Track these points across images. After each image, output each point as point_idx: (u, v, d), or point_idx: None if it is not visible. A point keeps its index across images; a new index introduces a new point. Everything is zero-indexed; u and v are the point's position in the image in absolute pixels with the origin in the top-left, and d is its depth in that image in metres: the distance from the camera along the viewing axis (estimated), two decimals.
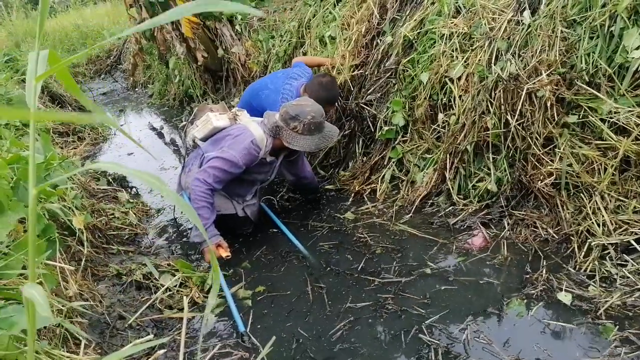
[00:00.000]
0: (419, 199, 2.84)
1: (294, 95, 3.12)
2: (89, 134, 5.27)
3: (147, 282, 2.42)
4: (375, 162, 3.22)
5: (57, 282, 1.91)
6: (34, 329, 0.85)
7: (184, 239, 3.00)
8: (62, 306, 1.79)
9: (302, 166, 3.02)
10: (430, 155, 2.94)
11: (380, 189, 3.08)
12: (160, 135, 5.59)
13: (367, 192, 3.15)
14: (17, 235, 1.86)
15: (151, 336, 1.99)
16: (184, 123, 2.99)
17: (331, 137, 2.70)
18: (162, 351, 1.89)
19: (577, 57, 2.28)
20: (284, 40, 4.25)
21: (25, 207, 1.87)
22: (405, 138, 3.12)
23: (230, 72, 5.23)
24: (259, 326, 2.10)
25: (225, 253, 2.47)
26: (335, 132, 2.74)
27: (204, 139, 2.81)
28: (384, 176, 3.11)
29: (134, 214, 3.23)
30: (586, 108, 2.23)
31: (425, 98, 2.92)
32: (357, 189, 3.17)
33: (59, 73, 0.81)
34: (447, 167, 2.77)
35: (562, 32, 2.33)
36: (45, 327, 1.65)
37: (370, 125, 3.28)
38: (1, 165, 1.90)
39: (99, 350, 1.84)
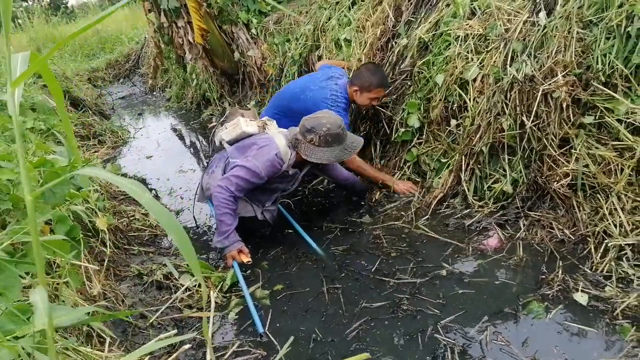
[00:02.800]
0: (435, 201, 2.85)
1: (343, 92, 3.12)
2: (109, 137, 5.38)
3: (167, 282, 2.49)
4: (393, 165, 3.24)
5: (82, 281, 1.98)
6: (52, 326, 0.89)
7: (203, 240, 3.06)
8: (87, 305, 1.85)
9: (335, 170, 3.06)
10: (446, 160, 2.96)
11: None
12: (179, 137, 5.68)
13: (383, 194, 3.17)
14: (44, 236, 1.93)
15: (175, 331, 2.05)
16: (214, 123, 3.06)
17: (354, 147, 2.73)
18: (187, 346, 1.94)
19: (593, 57, 2.28)
20: (300, 44, 4.29)
21: (52, 208, 1.94)
22: (420, 140, 3.14)
23: (247, 75, 5.31)
24: (277, 324, 2.14)
25: (246, 259, 2.53)
26: (359, 143, 2.77)
27: (231, 142, 2.89)
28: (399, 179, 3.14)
29: None
30: (602, 109, 2.23)
31: (440, 100, 2.93)
32: (375, 192, 3.20)
33: (42, 70, 0.82)
34: (463, 168, 2.78)
35: (578, 32, 2.33)
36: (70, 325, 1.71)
37: (386, 127, 3.30)
38: (29, 168, 1.97)
39: (122, 348, 1.90)
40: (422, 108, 3.09)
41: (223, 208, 2.53)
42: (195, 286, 2.44)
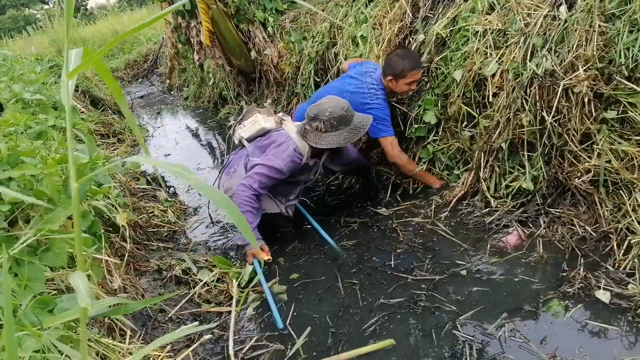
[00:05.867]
0: (455, 199, 2.82)
1: (379, 84, 3.03)
2: (128, 136, 5.46)
3: (185, 277, 2.51)
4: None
5: (103, 275, 2.01)
6: (86, 317, 0.91)
7: (220, 236, 3.08)
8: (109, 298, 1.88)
9: (346, 153, 3.07)
10: (461, 157, 2.95)
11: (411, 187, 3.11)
12: (196, 136, 5.73)
13: (399, 192, 3.16)
14: (66, 230, 1.96)
15: (197, 323, 2.07)
16: (232, 122, 3.09)
17: (363, 127, 2.72)
18: (207, 336, 1.97)
19: (615, 51, 2.23)
20: (316, 41, 4.29)
21: None
22: (436, 137, 3.12)
23: (263, 73, 5.32)
24: (294, 313, 2.16)
25: (266, 256, 2.58)
26: (368, 120, 2.76)
27: (250, 139, 2.92)
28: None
29: (172, 212, 3.34)
30: (625, 103, 2.18)
31: (458, 96, 2.91)
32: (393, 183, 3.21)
33: (96, 65, 0.85)
34: (482, 166, 2.75)
35: (600, 26, 2.28)
36: (92, 317, 1.74)
37: (401, 123, 3.29)
38: (51, 164, 2.01)
39: (142, 341, 1.93)
40: (439, 104, 3.06)
41: (245, 206, 2.57)
42: (213, 281, 2.46)
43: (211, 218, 3.27)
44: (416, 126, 3.15)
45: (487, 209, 2.68)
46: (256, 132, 2.89)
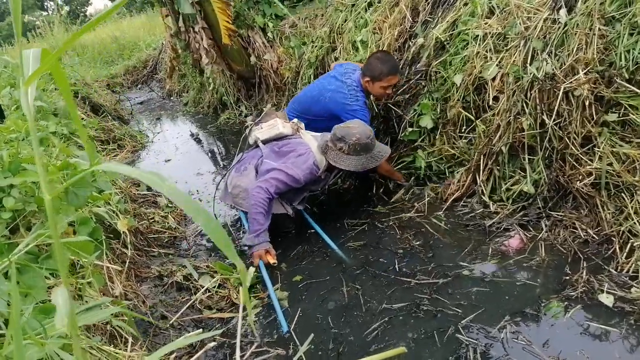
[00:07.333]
0: (452, 198, 2.83)
1: (359, 85, 3.10)
2: (128, 142, 5.46)
3: (187, 283, 2.50)
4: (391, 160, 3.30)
5: (105, 281, 2.00)
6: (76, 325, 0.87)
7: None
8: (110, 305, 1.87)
9: None
10: (450, 164, 3.01)
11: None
12: (196, 141, 5.73)
13: (397, 192, 3.17)
14: (67, 237, 1.96)
15: (200, 330, 2.07)
16: (250, 123, 3.13)
17: (381, 156, 2.82)
18: (212, 344, 1.96)
19: (616, 54, 2.24)
20: (316, 46, 4.30)
21: (76, 210, 1.97)
22: (428, 143, 3.14)
23: (263, 78, 5.34)
24: (300, 314, 2.17)
25: (272, 260, 2.58)
26: (386, 152, 2.86)
27: (266, 142, 2.99)
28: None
29: (173, 218, 3.33)
30: (626, 106, 2.18)
31: (458, 100, 2.91)
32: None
33: (53, 70, 0.72)
34: (481, 168, 2.75)
35: (600, 29, 2.29)
36: (94, 325, 1.74)
37: (395, 126, 3.30)
38: (53, 171, 2.01)
39: (144, 348, 1.92)
40: (437, 109, 3.07)
41: (259, 207, 2.60)
42: (214, 287, 2.45)
43: (216, 218, 3.26)
44: (410, 129, 3.16)
45: (482, 209, 2.69)
46: (273, 136, 2.98)
